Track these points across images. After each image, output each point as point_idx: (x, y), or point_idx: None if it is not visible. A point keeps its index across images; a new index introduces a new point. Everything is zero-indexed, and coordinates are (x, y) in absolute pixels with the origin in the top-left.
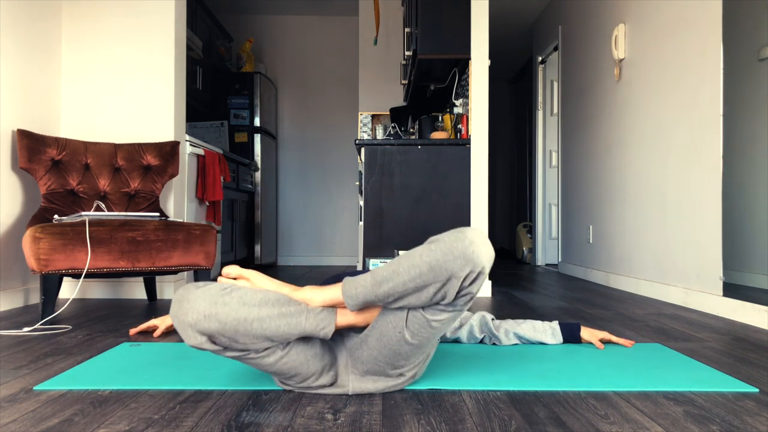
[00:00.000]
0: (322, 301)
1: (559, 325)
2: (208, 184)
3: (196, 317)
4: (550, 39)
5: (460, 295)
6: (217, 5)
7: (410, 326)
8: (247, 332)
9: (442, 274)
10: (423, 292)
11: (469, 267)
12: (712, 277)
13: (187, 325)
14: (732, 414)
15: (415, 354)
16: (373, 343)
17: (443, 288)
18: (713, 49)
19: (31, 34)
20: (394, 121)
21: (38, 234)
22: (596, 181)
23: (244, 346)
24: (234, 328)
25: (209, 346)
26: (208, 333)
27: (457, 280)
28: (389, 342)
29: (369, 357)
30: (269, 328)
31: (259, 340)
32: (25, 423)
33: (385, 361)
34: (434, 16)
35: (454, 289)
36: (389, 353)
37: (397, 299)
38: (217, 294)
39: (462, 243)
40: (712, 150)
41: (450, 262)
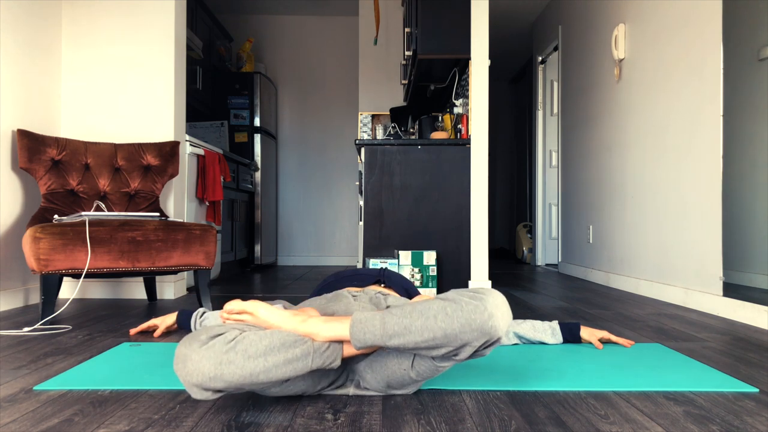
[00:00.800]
0: (327, 338)
1: (559, 325)
2: (208, 184)
3: (201, 379)
4: (550, 39)
5: (473, 356)
6: (217, 5)
7: (416, 368)
8: (254, 384)
9: (456, 341)
10: (434, 351)
11: (486, 338)
12: (712, 277)
13: (192, 385)
14: (732, 414)
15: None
16: (378, 368)
17: (456, 350)
18: (713, 49)
19: (31, 35)
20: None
21: (38, 234)
22: (596, 181)
23: (251, 389)
24: (240, 383)
25: (217, 395)
26: (214, 389)
27: (471, 348)
28: (393, 374)
29: (373, 380)
30: (276, 376)
31: (266, 386)
32: (25, 423)
33: (388, 385)
34: (434, 16)
35: (468, 354)
36: (393, 381)
37: (406, 349)
38: (222, 352)
39: (481, 316)
40: (712, 150)
41: (466, 334)
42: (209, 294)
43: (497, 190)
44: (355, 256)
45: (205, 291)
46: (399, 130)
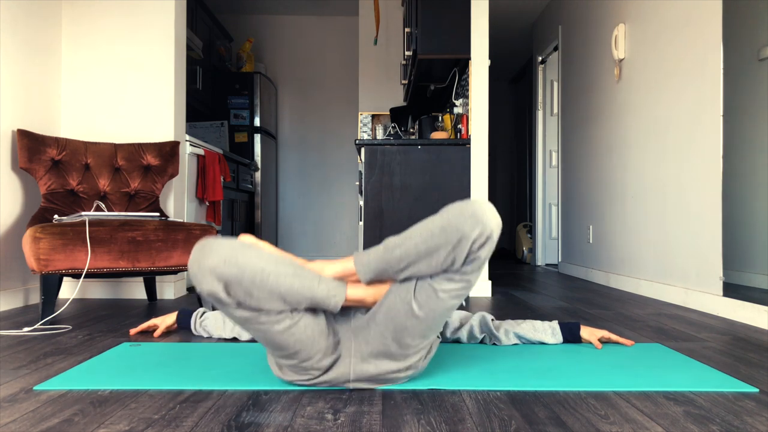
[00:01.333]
0: (333, 273)
1: (559, 325)
2: (208, 184)
3: (217, 260)
4: (550, 39)
5: (468, 259)
6: (217, 5)
7: (418, 297)
8: (263, 284)
9: (453, 234)
10: (434, 257)
11: (479, 228)
12: (712, 277)
13: (207, 268)
14: (732, 414)
15: (421, 333)
16: (380, 318)
17: (453, 251)
18: (713, 49)
19: (31, 35)
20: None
21: (38, 234)
22: (596, 181)
23: (258, 303)
24: (251, 277)
25: (223, 295)
26: (225, 279)
27: (467, 242)
28: (397, 315)
29: (376, 334)
30: (284, 284)
31: (273, 297)
32: (25, 423)
33: (392, 337)
34: (434, 16)
35: (464, 253)
36: (396, 327)
37: (408, 265)
38: (239, 245)
39: (472, 206)
40: (712, 150)
41: (461, 223)
42: None
43: (497, 190)
44: None
45: None
46: (399, 130)
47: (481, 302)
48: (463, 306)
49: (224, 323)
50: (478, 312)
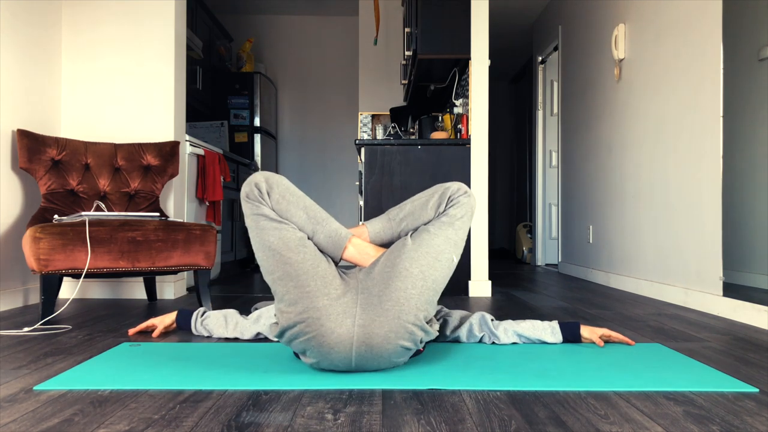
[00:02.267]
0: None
1: (559, 325)
2: (208, 184)
3: (267, 173)
4: (550, 39)
5: (451, 202)
6: (217, 5)
7: (413, 235)
8: (295, 193)
9: (437, 189)
10: (425, 205)
11: (457, 185)
12: (712, 277)
13: (259, 173)
14: (732, 414)
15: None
16: (382, 258)
17: (439, 198)
18: (713, 49)
19: (31, 35)
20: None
21: (38, 234)
22: (596, 181)
23: (287, 208)
24: (287, 186)
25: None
26: (270, 182)
27: (448, 191)
28: (395, 249)
29: (379, 273)
30: (309, 200)
31: (299, 206)
32: (25, 423)
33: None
34: (434, 16)
35: (446, 197)
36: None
37: (406, 215)
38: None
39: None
40: (712, 150)
41: (442, 185)
42: (209, 294)
43: (497, 190)
44: None
45: (205, 291)
46: (399, 130)
47: (481, 302)
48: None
49: (226, 322)
50: (478, 312)
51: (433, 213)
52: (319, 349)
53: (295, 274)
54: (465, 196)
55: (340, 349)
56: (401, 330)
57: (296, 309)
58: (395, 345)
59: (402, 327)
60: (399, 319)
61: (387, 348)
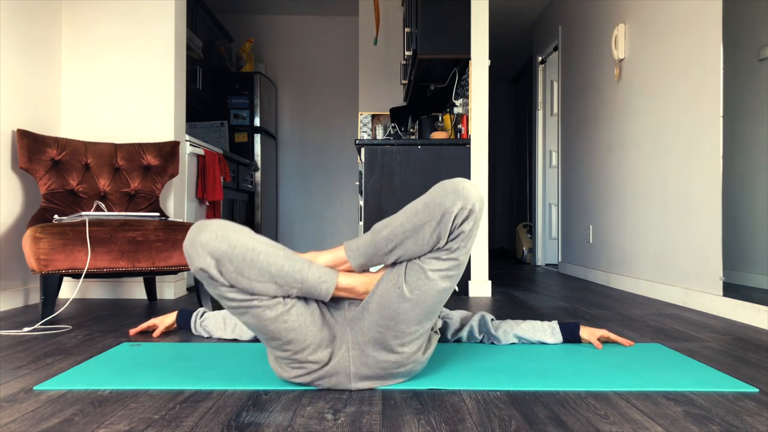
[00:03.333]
0: (325, 261)
1: (559, 325)
2: (208, 184)
3: (209, 236)
4: (550, 39)
5: (453, 234)
6: (217, 5)
7: (408, 279)
8: (254, 263)
9: (436, 210)
10: (419, 234)
11: (461, 202)
12: (712, 277)
13: (199, 243)
14: (732, 414)
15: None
16: (373, 306)
17: (438, 227)
18: (713, 49)
19: (31, 34)
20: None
21: (38, 234)
22: (596, 181)
23: (249, 284)
24: (242, 254)
25: (215, 272)
26: (217, 255)
27: (450, 216)
28: (389, 301)
29: (370, 323)
30: (275, 264)
31: (264, 278)
32: (25, 423)
33: (386, 324)
34: (434, 16)
35: (447, 227)
36: (390, 314)
37: (396, 246)
38: (232, 225)
39: (452, 183)
40: (712, 150)
41: (443, 197)
42: (209, 294)
43: (497, 190)
44: None
45: (204, 291)
46: (399, 130)
47: (481, 302)
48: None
49: (225, 323)
50: (479, 312)
51: (429, 247)
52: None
53: (282, 347)
54: (470, 219)
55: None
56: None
57: (292, 373)
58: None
59: (400, 374)
60: (398, 370)
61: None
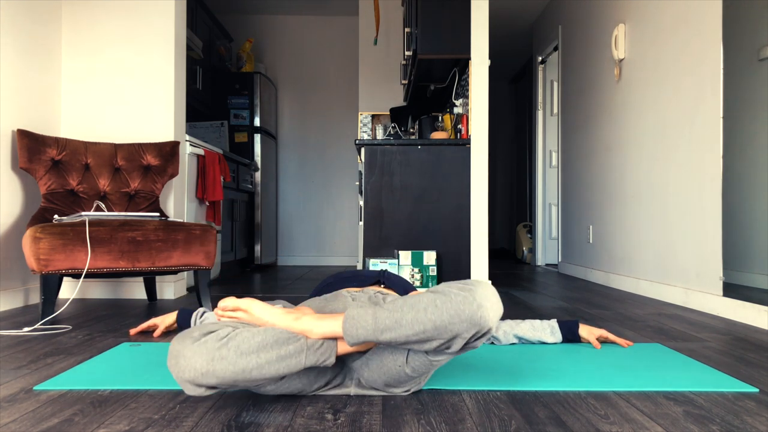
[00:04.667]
0: (321, 334)
1: (558, 324)
2: (208, 184)
3: (193, 375)
4: (550, 39)
5: (464, 348)
6: (217, 5)
7: (411, 363)
8: (247, 380)
9: (446, 333)
10: (426, 344)
11: (476, 329)
12: (712, 277)
13: (185, 381)
14: (732, 414)
15: (417, 380)
16: (373, 368)
17: (447, 343)
18: (713, 49)
19: (31, 35)
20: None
21: (38, 234)
22: (596, 181)
23: (245, 386)
24: (233, 379)
25: (210, 392)
26: (206, 385)
27: (462, 339)
28: (389, 371)
29: (370, 377)
30: (268, 373)
31: (260, 381)
32: (25, 423)
33: (386, 383)
34: (434, 16)
35: (459, 345)
36: (389, 378)
37: (399, 345)
38: (214, 348)
39: (470, 307)
40: (712, 150)
41: (456, 325)
42: (209, 294)
43: (497, 190)
44: (355, 257)
45: (205, 291)
46: (399, 130)
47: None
48: None
49: None
50: None
51: (434, 351)
52: None
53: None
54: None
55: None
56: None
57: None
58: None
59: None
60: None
61: None
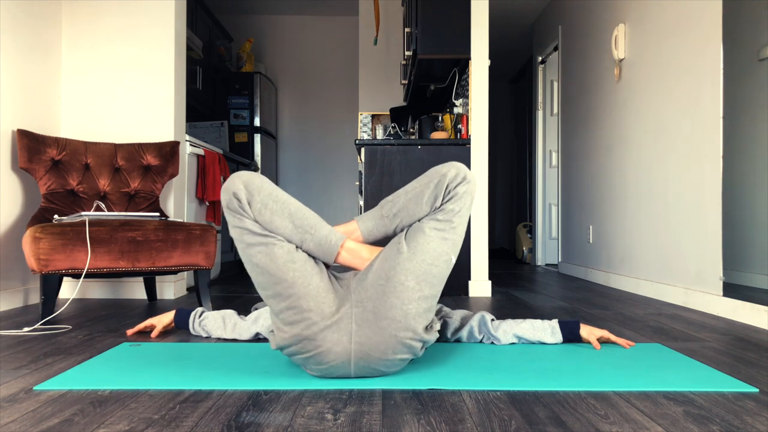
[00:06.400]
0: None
1: (559, 324)
2: (208, 184)
3: (247, 175)
4: (550, 39)
5: (448, 195)
6: (217, 5)
7: (407, 237)
8: (278, 198)
9: (433, 175)
10: (419, 197)
11: (454, 169)
12: (712, 277)
13: (237, 176)
14: (732, 414)
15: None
16: (376, 264)
17: (435, 189)
18: (713, 49)
19: (31, 35)
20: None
21: (38, 234)
22: (596, 181)
23: (271, 219)
24: (269, 190)
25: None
26: (249, 186)
27: (445, 179)
28: (389, 256)
29: (372, 279)
30: (294, 204)
31: (284, 215)
32: (25, 423)
33: (386, 276)
34: (434, 16)
35: (443, 188)
36: (389, 265)
37: (399, 210)
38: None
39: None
40: (712, 150)
41: (439, 167)
42: (209, 294)
43: (497, 190)
44: None
45: (205, 291)
46: (399, 130)
47: (481, 302)
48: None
49: (224, 323)
50: (479, 312)
51: (429, 208)
52: (317, 366)
53: (286, 294)
54: (463, 184)
55: (339, 364)
56: (399, 346)
57: (292, 330)
58: (394, 359)
59: (400, 343)
60: (396, 337)
61: (386, 361)
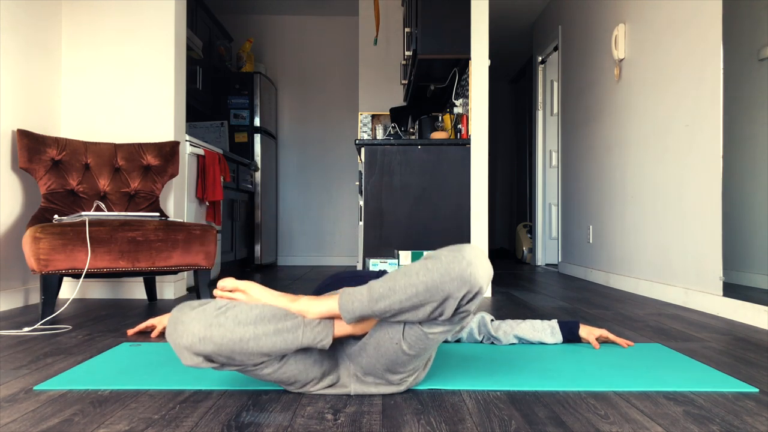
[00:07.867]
0: (318, 314)
1: (558, 324)
2: (208, 184)
3: (191, 340)
4: (550, 39)
5: (457, 312)
6: (217, 5)
7: (407, 338)
8: (243, 351)
9: (438, 294)
10: (420, 310)
11: (466, 288)
12: (712, 277)
13: (182, 347)
14: (732, 414)
15: (414, 362)
16: (371, 351)
17: (440, 307)
18: (713, 49)
19: (31, 35)
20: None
21: (38, 234)
22: (596, 181)
23: (242, 362)
24: (230, 348)
25: (206, 364)
26: (204, 354)
27: (454, 300)
28: (387, 352)
29: (368, 364)
30: (265, 345)
31: (256, 357)
32: (25, 423)
33: (384, 368)
34: (434, 16)
35: (452, 308)
36: (387, 362)
37: (394, 315)
38: (212, 315)
39: (459, 265)
40: (712, 150)
41: (447, 284)
42: (209, 294)
43: (497, 190)
44: (355, 256)
45: (205, 291)
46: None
47: (481, 302)
48: None
49: None
50: (479, 312)
51: (429, 318)
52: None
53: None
54: (475, 300)
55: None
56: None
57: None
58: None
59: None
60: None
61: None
